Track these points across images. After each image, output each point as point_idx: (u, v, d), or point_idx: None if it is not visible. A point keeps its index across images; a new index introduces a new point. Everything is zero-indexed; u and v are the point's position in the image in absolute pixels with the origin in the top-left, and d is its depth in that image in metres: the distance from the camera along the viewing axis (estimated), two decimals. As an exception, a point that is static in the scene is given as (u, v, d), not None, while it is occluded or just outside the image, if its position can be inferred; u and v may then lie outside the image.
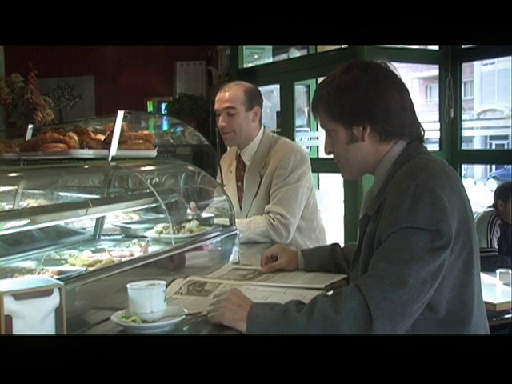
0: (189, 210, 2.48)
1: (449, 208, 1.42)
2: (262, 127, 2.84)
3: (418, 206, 1.41)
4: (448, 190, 1.45)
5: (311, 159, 2.84)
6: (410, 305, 1.37)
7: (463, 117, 4.68)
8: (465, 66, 4.74)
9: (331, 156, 1.68)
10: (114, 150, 2.08)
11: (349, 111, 1.56)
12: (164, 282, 1.50)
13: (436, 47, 4.58)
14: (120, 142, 2.13)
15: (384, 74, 1.58)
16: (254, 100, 2.76)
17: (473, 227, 1.52)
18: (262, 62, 5.65)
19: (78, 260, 1.83)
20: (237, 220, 2.66)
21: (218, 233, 2.24)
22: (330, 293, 1.67)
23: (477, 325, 1.52)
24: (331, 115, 1.59)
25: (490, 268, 3.53)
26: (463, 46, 4.43)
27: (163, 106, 6.45)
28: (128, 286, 1.48)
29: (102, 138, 2.19)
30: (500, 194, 4.30)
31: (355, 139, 1.58)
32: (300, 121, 5.39)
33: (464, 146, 4.70)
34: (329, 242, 2.94)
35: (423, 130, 1.63)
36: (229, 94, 2.75)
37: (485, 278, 1.61)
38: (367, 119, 1.56)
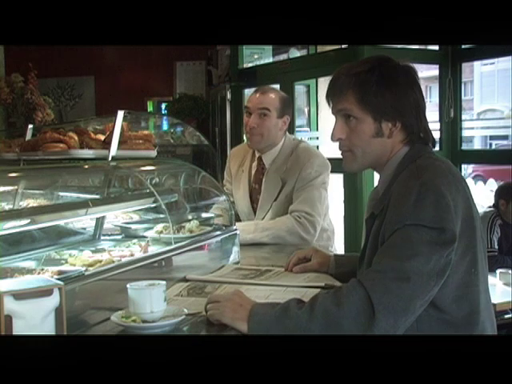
0: (189, 210, 2.48)
1: (453, 207, 1.42)
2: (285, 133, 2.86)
3: (423, 204, 1.41)
4: (453, 189, 1.45)
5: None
6: (414, 300, 1.37)
7: (463, 117, 4.67)
8: (465, 66, 4.73)
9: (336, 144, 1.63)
10: (114, 149, 2.08)
11: (386, 106, 1.53)
12: (164, 282, 1.50)
13: (436, 47, 4.58)
14: (120, 142, 2.13)
15: (417, 76, 1.60)
16: (285, 109, 2.79)
17: (478, 227, 1.52)
18: (262, 61, 5.65)
19: (78, 260, 1.83)
20: (259, 221, 2.71)
21: (218, 233, 2.24)
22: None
23: (484, 324, 1.52)
24: (364, 104, 1.54)
25: (490, 268, 3.51)
26: (463, 46, 4.42)
27: (163, 105, 6.46)
28: (128, 286, 1.47)
29: (102, 137, 2.19)
30: (502, 193, 4.30)
31: (381, 134, 1.56)
32: (300, 121, 5.38)
33: (464, 146, 4.70)
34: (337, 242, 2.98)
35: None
36: (265, 97, 2.76)
37: (485, 278, 1.61)
38: (401, 118, 1.55)
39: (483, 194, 6.95)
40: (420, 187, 1.43)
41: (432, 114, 4.56)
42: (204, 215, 2.46)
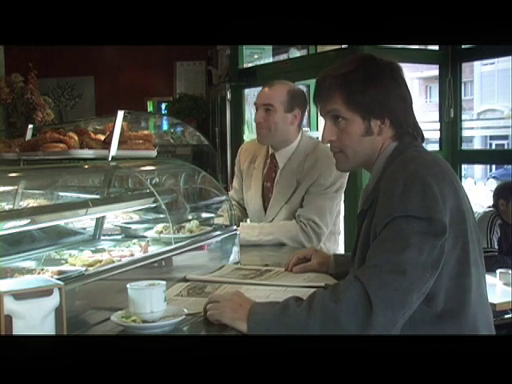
0: (189, 210, 2.48)
1: (440, 197, 1.43)
2: (301, 130, 2.77)
3: (410, 195, 1.42)
4: (440, 179, 1.46)
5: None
6: (411, 293, 1.37)
7: (463, 117, 4.67)
8: (465, 66, 4.73)
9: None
10: (114, 149, 2.08)
11: (373, 104, 1.54)
12: (164, 282, 1.50)
13: (436, 47, 4.58)
14: (120, 142, 2.13)
15: (402, 72, 1.61)
16: (295, 102, 2.67)
17: (469, 219, 1.51)
18: (262, 61, 5.65)
19: (78, 260, 1.83)
20: (264, 223, 2.68)
21: (218, 233, 2.24)
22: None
23: (476, 316, 1.50)
24: (351, 104, 1.55)
25: (490, 268, 3.51)
26: (463, 46, 4.42)
27: (163, 105, 6.45)
28: (128, 286, 1.48)
29: (102, 138, 2.19)
30: (501, 193, 4.30)
31: (371, 132, 1.57)
32: (300, 121, 5.37)
33: (464, 146, 4.70)
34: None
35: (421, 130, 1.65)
36: (270, 92, 2.68)
37: (485, 278, 1.61)
38: (389, 114, 1.56)
39: (483, 194, 6.95)
40: (406, 179, 1.44)
41: (432, 114, 4.57)
42: (204, 215, 2.46)
